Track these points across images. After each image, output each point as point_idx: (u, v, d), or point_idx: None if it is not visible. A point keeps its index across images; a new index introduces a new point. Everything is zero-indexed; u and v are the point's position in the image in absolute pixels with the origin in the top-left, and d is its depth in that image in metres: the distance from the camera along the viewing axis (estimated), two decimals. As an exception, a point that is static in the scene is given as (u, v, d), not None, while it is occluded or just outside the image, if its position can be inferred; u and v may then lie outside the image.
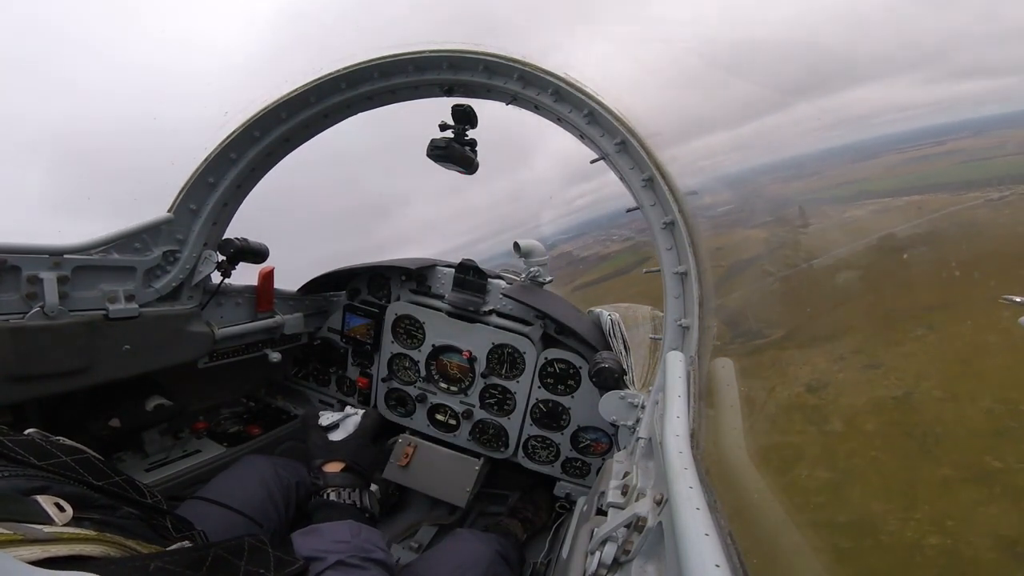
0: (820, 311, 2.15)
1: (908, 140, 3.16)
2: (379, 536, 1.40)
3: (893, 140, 3.82)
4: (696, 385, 1.60)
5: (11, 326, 1.65)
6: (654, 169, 1.88)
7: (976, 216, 2.20)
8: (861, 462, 1.63)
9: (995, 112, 10.02)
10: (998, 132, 2.54)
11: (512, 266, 3.16)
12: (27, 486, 0.84)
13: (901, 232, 2.03)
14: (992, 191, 2.26)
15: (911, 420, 1.95)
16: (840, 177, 2.26)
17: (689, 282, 1.85)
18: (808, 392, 2.01)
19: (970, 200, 2.30)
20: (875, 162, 2.12)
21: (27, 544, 0.69)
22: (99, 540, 0.80)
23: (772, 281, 2.15)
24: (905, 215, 2.03)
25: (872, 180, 2.29)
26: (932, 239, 2.10)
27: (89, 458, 1.03)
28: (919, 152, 2.24)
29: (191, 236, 2.22)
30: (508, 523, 2.66)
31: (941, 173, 2.54)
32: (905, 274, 1.96)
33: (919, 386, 2.03)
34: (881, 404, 2.05)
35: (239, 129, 2.17)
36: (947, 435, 1.81)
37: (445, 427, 2.84)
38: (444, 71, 2.10)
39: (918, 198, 2.20)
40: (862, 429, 1.92)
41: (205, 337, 2.35)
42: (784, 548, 1.23)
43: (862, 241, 2.20)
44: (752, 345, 2.04)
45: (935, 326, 2.09)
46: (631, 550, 1.08)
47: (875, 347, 2.18)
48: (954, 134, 2.52)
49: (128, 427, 2.00)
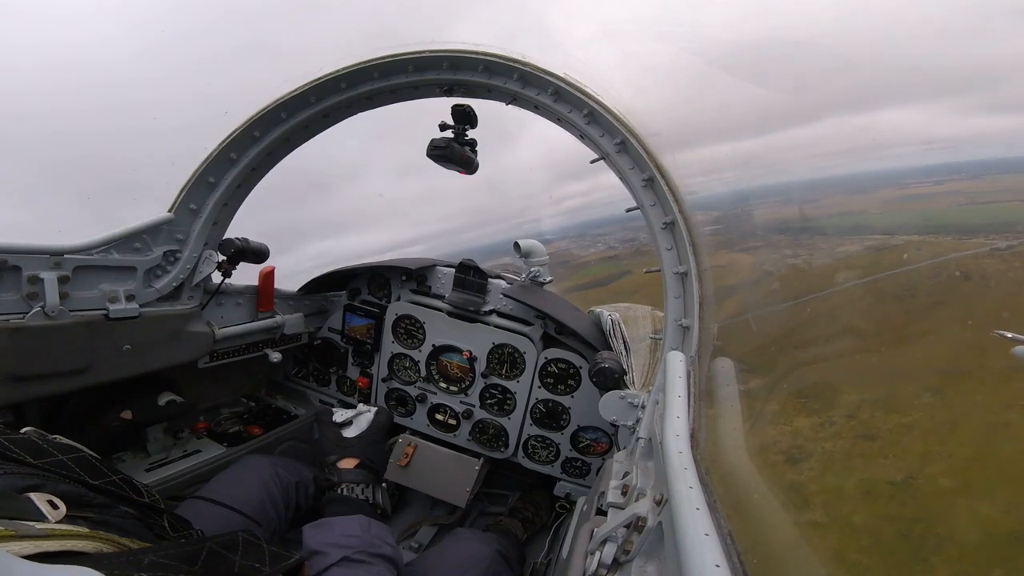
0: (805, 360, 1.77)
1: (909, 176, 3.06)
2: (388, 532, 1.41)
3: (894, 175, 3.65)
4: (696, 385, 1.60)
5: (11, 326, 1.66)
6: (654, 169, 1.88)
7: (985, 266, 1.96)
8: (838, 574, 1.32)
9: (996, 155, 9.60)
10: (995, 176, 2.45)
11: (512, 266, 3.16)
12: (21, 484, 0.84)
13: (904, 277, 1.75)
14: (998, 238, 2.02)
15: (909, 514, 1.61)
16: (834, 207, 2.01)
17: (689, 282, 1.84)
18: (787, 463, 1.66)
19: (974, 246, 2.07)
20: (872, 196, 2.01)
21: (18, 540, 0.70)
22: (92, 537, 0.80)
23: (748, 318, 1.94)
24: (908, 257, 1.76)
25: (870, 214, 2.10)
26: (940, 291, 1.83)
27: (86, 457, 1.03)
28: (919, 190, 2.12)
29: (191, 236, 2.22)
30: (508, 523, 2.66)
31: (942, 214, 2.33)
32: (911, 327, 1.71)
33: (923, 470, 1.67)
34: (875, 489, 1.69)
35: (239, 129, 2.17)
36: (951, 539, 1.50)
37: (445, 427, 2.84)
38: (444, 71, 2.10)
39: (918, 239, 1.95)
40: (848, 521, 1.60)
41: (205, 337, 2.35)
42: (784, 548, 1.22)
43: (858, 281, 1.93)
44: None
45: (946, 394, 1.77)
46: (631, 550, 1.08)
47: (871, 412, 1.86)
48: (955, 174, 2.46)
49: (139, 420, 2.05)
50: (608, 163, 2.02)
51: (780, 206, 2.05)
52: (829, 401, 1.84)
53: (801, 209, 1.99)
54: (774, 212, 2.04)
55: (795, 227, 2.00)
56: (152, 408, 2.10)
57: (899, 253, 1.79)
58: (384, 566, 1.27)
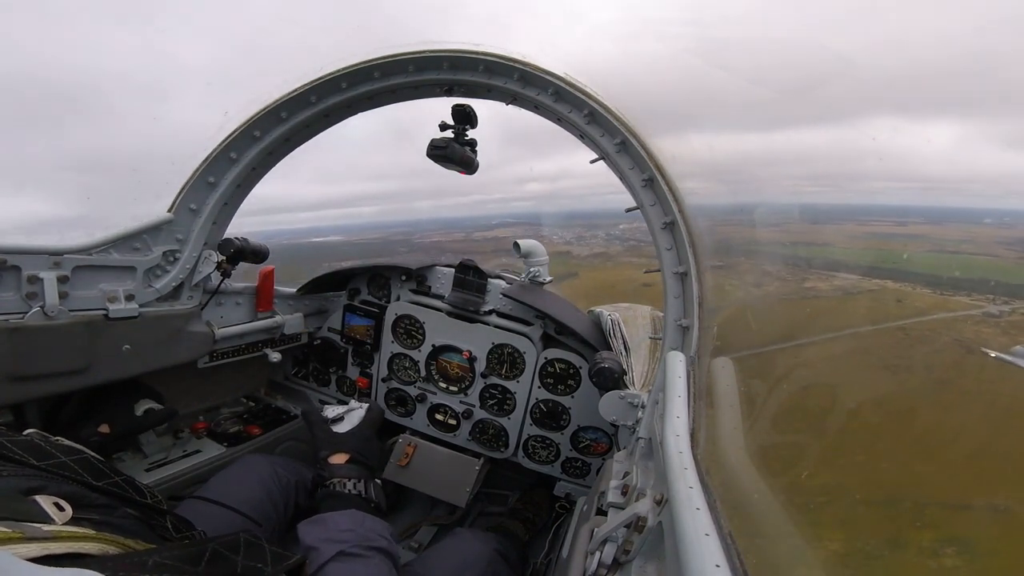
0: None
1: (869, 213, 2.94)
2: (384, 525, 1.41)
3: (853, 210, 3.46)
4: (696, 385, 1.60)
5: (11, 326, 1.66)
6: (654, 169, 1.88)
7: (985, 338, 1.82)
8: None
9: (953, 203, 9.12)
10: (956, 224, 2.37)
11: (512, 266, 3.16)
12: (25, 485, 0.84)
13: (901, 333, 1.54)
14: (983, 300, 1.91)
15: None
16: (799, 234, 1.72)
17: (689, 282, 1.85)
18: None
19: (962, 306, 1.96)
20: (836, 228, 1.88)
21: (25, 542, 0.70)
22: (97, 539, 0.80)
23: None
24: (889, 311, 1.56)
25: (837, 246, 1.93)
26: (942, 366, 1.63)
27: (88, 458, 1.03)
28: (881, 228, 2.03)
29: (191, 236, 2.22)
30: (508, 523, 2.67)
31: (913, 260, 2.20)
32: (904, 434, 1.46)
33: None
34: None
35: (239, 129, 2.17)
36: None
37: (445, 427, 2.84)
38: (444, 71, 2.10)
39: (894, 286, 1.82)
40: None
41: (205, 337, 2.35)
42: (784, 548, 1.22)
43: (834, 346, 1.64)
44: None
45: (965, 544, 1.49)
46: (631, 550, 1.08)
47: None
48: (913, 216, 2.37)
49: (118, 433, 1.96)
50: (608, 163, 2.02)
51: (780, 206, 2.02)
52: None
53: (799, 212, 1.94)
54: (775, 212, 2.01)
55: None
56: (130, 419, 2.02)
57: (880, 298, 1.69)
58: (380, 559, 1.27)
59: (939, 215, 1.99)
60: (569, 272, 58.29)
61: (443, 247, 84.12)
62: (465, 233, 18.49)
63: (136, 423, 2.03)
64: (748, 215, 2.04)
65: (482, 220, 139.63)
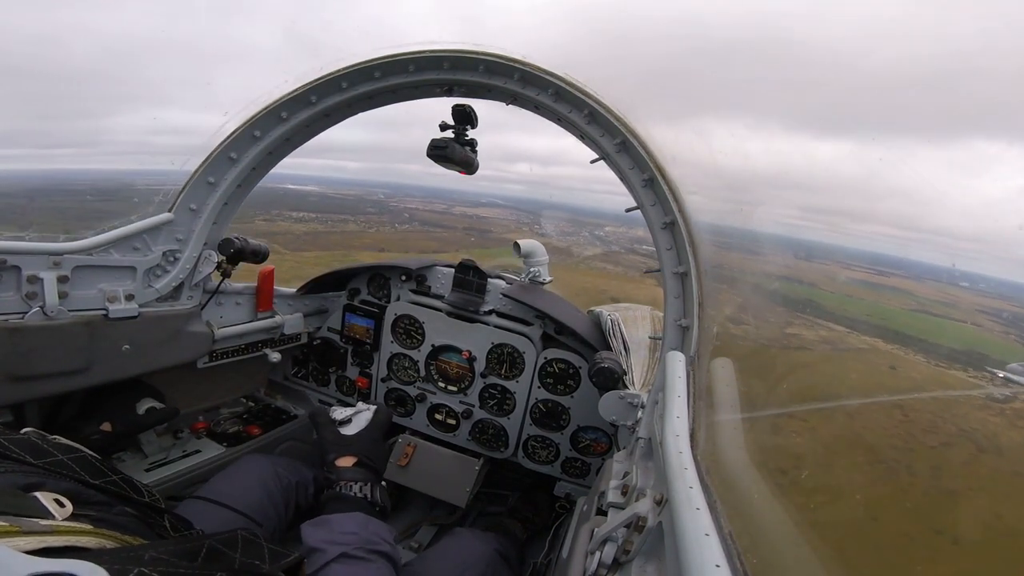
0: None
1: (853, 258, 2.86)
2: (387, 529, 1.41)
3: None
4: (696, 385, 1.60)
5: (11, 326, 1.65)
6: (654, 169, 1.88)
7: (993, 429, 1.75)
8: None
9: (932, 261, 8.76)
10: (936, 283, 2.30)
11: (512, 266, 3.16)
12: (23, 482, 0.84)
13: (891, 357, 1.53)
14: (981, 378, 1.86)
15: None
16: (786, 268, 1.67)
17: (689, 282, 1.85)
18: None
19: (962, 384, 1.90)
20: (819, 266, 1.81)
21: (23, 535, 0.70)
22: (95, 534, 0.80)
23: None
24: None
25: (819, 288, 1.85)
26: (951, 465, 1.59)
27: (86, 456, 1.03)
28: (864, 275, 1.96)
29: (191, 236, 2.22)
30: (508, 523, 2.67)
31: (898, 317, 2.13)
32: None
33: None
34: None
35: (239, 129, 2.17)
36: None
37: (445, 427, 2.84)
38: (444, 71, 2.09)
39: (885, 346, 1.76)
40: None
41: (205, 337, 2.35)
42: (784, 547, 1.22)
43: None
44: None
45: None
46: (631, 550, 1.08)
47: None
48: (896, 270, 2.30)
49: (120, 431, 1.97)
50: (608, 163, 2.02)
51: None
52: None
53: None
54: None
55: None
56: (131, 418, 2.03)
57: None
58: (382, 563, 1.27)
59: (919, 270, 1.85)
60: (517, 269, 57.35)
61: (415, 215, 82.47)
62: (446, 205, 18.25)
63: (138, 422, 2.04)
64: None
65: (471, 196, 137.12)
